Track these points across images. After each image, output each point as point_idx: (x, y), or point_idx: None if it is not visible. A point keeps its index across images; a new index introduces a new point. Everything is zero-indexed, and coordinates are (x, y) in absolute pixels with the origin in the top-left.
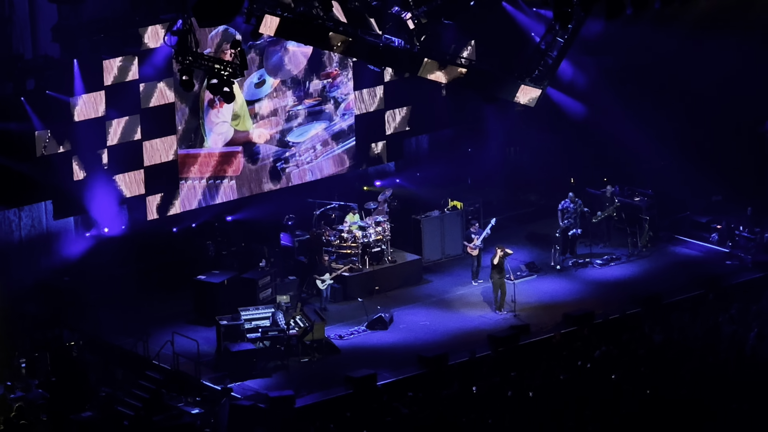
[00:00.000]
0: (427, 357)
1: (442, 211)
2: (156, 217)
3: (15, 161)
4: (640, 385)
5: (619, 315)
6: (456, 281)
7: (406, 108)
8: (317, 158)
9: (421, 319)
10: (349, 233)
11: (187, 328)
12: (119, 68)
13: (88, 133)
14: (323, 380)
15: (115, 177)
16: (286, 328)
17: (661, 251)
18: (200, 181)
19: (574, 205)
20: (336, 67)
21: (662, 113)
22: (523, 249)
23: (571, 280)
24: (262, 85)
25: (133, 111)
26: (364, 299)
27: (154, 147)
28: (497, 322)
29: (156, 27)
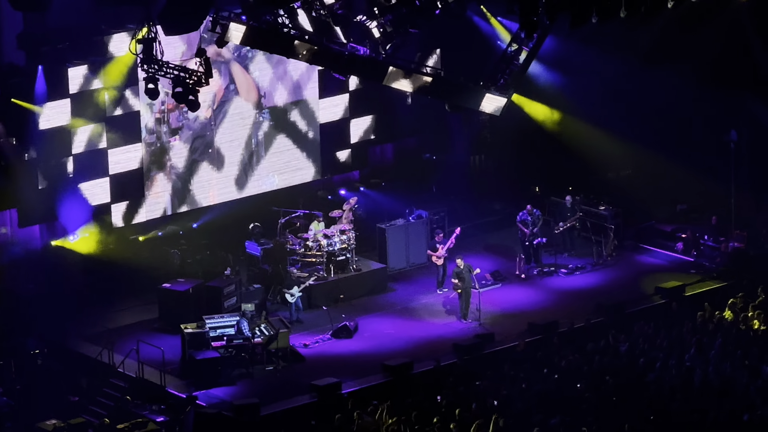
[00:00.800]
0: (392, 365)
1: (407, 220)
2: (122, 225)
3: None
4: (605, 395)
5: (584, 324)
6: (421, 290)
7: (370, 116)
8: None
9: (386, 327)
10: (314, 241)
11: (152, 336)
12: (84, 76)
13: (53, 141)
14: (288, 388)
15: (81, 185)
16: (251, 336)
17: (626, 260)
18: (166, 189)
19: (531, 217)
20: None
21: (626, 122)
22: (488, 258)
23: (536, 289)
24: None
25: (99, 119)
26: (329, 307)
27: (120, 155)
28: (462, 331)
29: (121, 35)
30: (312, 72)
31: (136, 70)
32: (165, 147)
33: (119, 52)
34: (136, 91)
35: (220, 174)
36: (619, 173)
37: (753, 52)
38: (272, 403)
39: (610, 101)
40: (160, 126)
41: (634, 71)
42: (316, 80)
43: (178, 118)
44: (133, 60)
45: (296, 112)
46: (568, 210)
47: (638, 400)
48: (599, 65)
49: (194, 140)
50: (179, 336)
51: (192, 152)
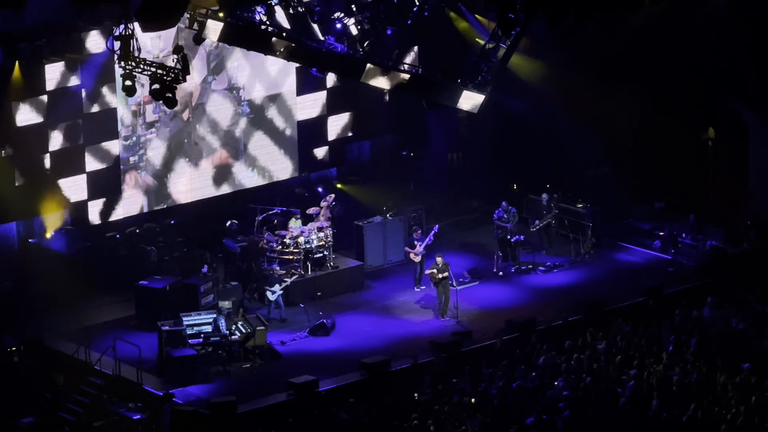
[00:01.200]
0: (369, 363)
1: (385, 218)
2: (98, 222)
3: None
4: (583, 393)
5: (562, 322)
6: (398, 287)
7: (348, 114)
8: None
9: (364, 325)
10: (291, 239)
11: (128, 333)
12: (61, 73)
13: (29, 138)
14: (265, 386)
15: (58, 182)
16: (228, 333)
17: (603, 258)
18: (142, 186)
19: (507, 214)
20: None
21: (605, 120)
22: (466, 255)
23: (513, 287)
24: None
25: (75, 116)
26: (306, 305)
27: (96, 152)
28: (440, 329)
29: (98, 32)
30: (289, 69)
31: (113, 66)
32: (142, 142)
33: (96, 49)
34: (113, 87)
35: (197, 170)
36: (597, 171)
37: (730, 48)
38: (249, 400)
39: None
40: (137, 119)
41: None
42: (294, 77)
43: (154, 110)
44: (110, 57)
45: (274, 109)
46: (544, 208)
47: (615, 399)
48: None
49: (170, 136)
50: (156, 333)
51: (168, 148)
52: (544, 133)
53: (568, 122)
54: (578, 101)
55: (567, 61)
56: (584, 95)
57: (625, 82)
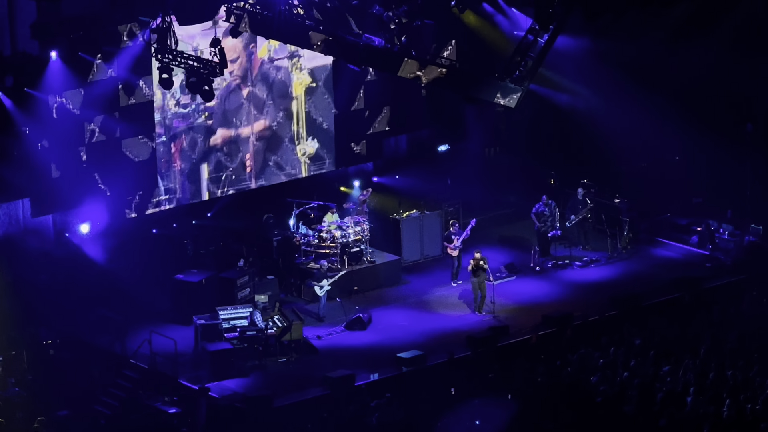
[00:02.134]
0: (406, 358)
1: (422, 212)
2: (134, 216)
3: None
4: (618, 388)
5: (598, 317)
6: (435, 282)
7: (385, 108)
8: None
9: (400, 319)
10: (327, 233)
11: (164, 327)
12: (98, 66)
13: (66, 130)
14: (301, 380)
15: (94, 175)
16: (264, 327)
17: (640, 253)
18: (179, 180)
19: (547, 208)
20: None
21: (643, 114)
22: (503, 250)
23: (550, 282)
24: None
25: (112, 109)
26: (343, 299)
27: (133, 145)
28: (476, 324)
29: (135, 25)
30: (326, 62)
31: (150, 59)
32: (178, 136)
33: (133, 42)
34: (150, 81)
35: (233, 163)
36: (634, 165)
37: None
38: (285, 395)
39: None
40: (172, 115)
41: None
42: (331, 71)
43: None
44: (147, 49)
45: (311, 103)
46: (579, 202)
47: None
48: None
49: (207, 130)
50: (192, 327)
51: (205, 142)
52: (582, 127)
53: (606, 116)
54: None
55: (605, 55)
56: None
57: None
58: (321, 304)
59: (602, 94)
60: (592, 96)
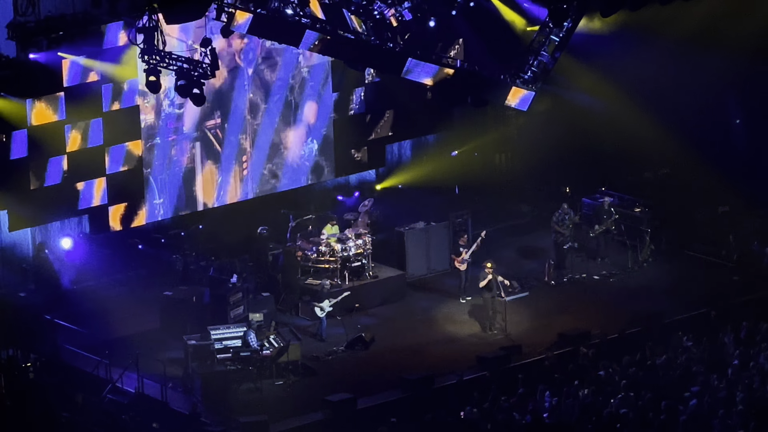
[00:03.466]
0: (411, 379)
1: (428, 223)
2: (120, 229)
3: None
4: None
5: (618, 335)
6: (443, 298)
7: (388, 112)
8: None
9: (405, 338)
10: (326, 246)
11: (152, 348)
12: (80, 68)
13: (45, 137)
14: (299, 404)
15: (76, 185)
16: (259, 348)
17: (663, 266)
18: (167, 190)
19: (567, 216)
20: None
21: (665, 116)
22: (515, 263)
23: (566, 297)
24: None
25: (95, 114)
26: (343, 317)
27: (118, 153)
28: (487, 342)
29: (120, 24)
30: (324, 63)
31: (136, 61)
32: (166, 143)
33: (117, 42)
34: (135, 84)
35: (225, 173)
36: (656, 172)
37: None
38: (282, 420)
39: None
40: (160, 120)
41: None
42: (329, 72)
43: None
44: (132, 50)
45: (308, 107)
46: (604, 212)
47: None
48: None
49: (197, 136)
50: (182, 348)
51: (194, 149)
52: (599, 132)
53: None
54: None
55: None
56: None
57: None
58: (322, 325)
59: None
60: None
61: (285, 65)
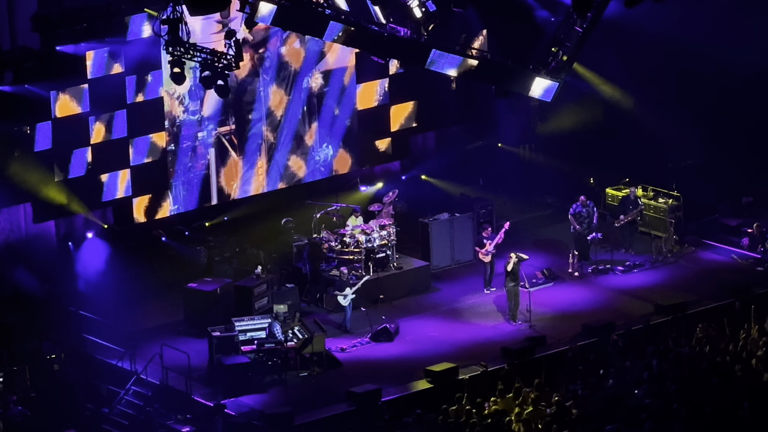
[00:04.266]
0: (436, 371)
1: (452, 214)
2: (144, 221)
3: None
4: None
5: (642, 326)
6: (467, 289)
7: (412, 103)
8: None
9: (429, 330)
10: (351, 237)
11: (177, 339)
12: (104, 60)
13: (69, 129)
14: (323, 396)
15: (100, 177)
16: (284, 339)
17: (687, 257)
18: (192, 182)
19: (585, 209)
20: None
21: (689, 107)
22: (539, 254)
23: (590, 288)
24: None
25: (118, 106)
26: (368, 309)
27: (142, 145)
28: (511, 334)
29: (143, 16)
30: (348, 54)
31: (160, 53)
32: (191, 135)
33: (141, 34)
34: (159, 75)
35: (249, 164)
36: (680, 163)
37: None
38: (306, 411)
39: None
40: (185, 112)
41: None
42: (353, 63)
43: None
44: (156, 42)
45: (331, 98)
46: (631, 203)
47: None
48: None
49: (221, 127)
50: (206, 340)
51: (219, 141)
52: (623, 123)
53: (648, 111)
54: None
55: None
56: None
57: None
58: (346, 315)
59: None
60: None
61: (308, 57)
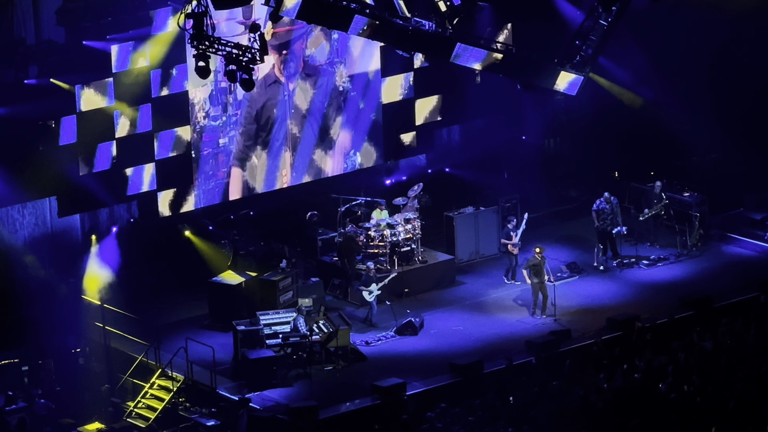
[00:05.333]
0: (461, 365)
1: (477, 208)
2: (168, 215)
3: (16, 154)
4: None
5: (668, 320)
6: (491, 283)
7: (437, 97)
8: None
9: (454, 323)
10: (376, 231)
11: (201, 333)
12: (128, 54)
13: (94, 123)
14: (348, 390)
15: (125, 171)
16: (309, 333)
17: (712, 251)
18: (217, 176)
19: (609, 205)
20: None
21: (715, 101)
22: (564, 248)
23: (615, 282)
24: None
25: (144, 100)
26: (393, 302)
27: (167, 139)
28: (536, 327)
29: (168, 9)
30: (373, 48)
31: (185, 47)
32: (221, 124)
33: (166, 28)
34: (184, 69)
35: (274, 158)
36: (704, 157)
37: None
38: (331, 405)
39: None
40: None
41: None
42: (378, 57)
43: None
44: (181, 36)
45: (357, 92)
46: (655, 197)
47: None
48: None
49: (245, 123)
50: (231, 333)
51: (243, 136)
52: (647, 117)
53: (673, 104)
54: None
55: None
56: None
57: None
58: (372, 310)
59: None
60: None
61: (333, 50)
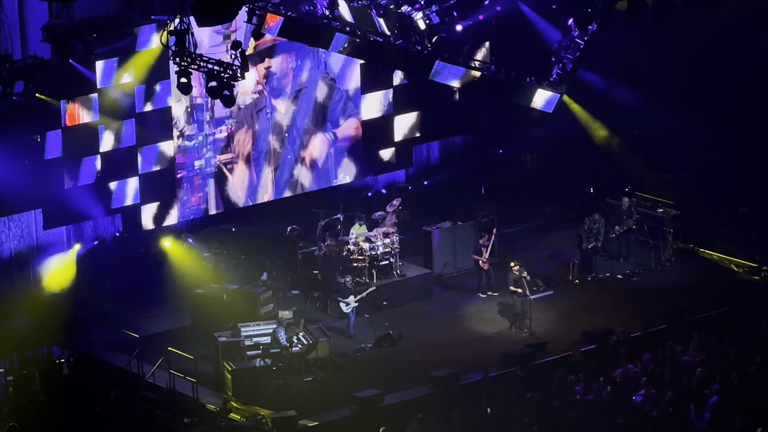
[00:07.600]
0: (438, 376)
1: (455, 222)
2: (152, 228)
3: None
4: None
5: (641, 333)
6: (469, 296)
7: (416, 113)
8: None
9: (432, 336)
10: (355, 245)
11: (183, 344)
12: (113, 70)
13: (79, 138)
14: (327, 400)
15: (109, 185)
16: (289, 345)
17: (685, 265)
18: (199, 190)
19: (597, 225)
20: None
21: (688, 117)
22: (540, 262)
23: (590, 296)
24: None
25: (128, 115)
26: (371, 315)
27: (150, 153)
28: (512, 340)
29: (152, 26)
30: (353, 65)
31: (168, 63)
32: (197, 144)
33: (150, 45)
34: (167, 85)
35: (255, 173)
36: (678, 173)
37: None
38: (311, 415)
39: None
40: (192, 121)
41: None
42: (358, 74)
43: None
44: (164, 53)
45: (336, 108)
46: (624, 212)
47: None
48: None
49: (227, 137)
50: (212, 344)
51: (225, 150)
52: (623, 134)
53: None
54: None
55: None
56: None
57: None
58: (350, 321)
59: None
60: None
61: (313, 67)
